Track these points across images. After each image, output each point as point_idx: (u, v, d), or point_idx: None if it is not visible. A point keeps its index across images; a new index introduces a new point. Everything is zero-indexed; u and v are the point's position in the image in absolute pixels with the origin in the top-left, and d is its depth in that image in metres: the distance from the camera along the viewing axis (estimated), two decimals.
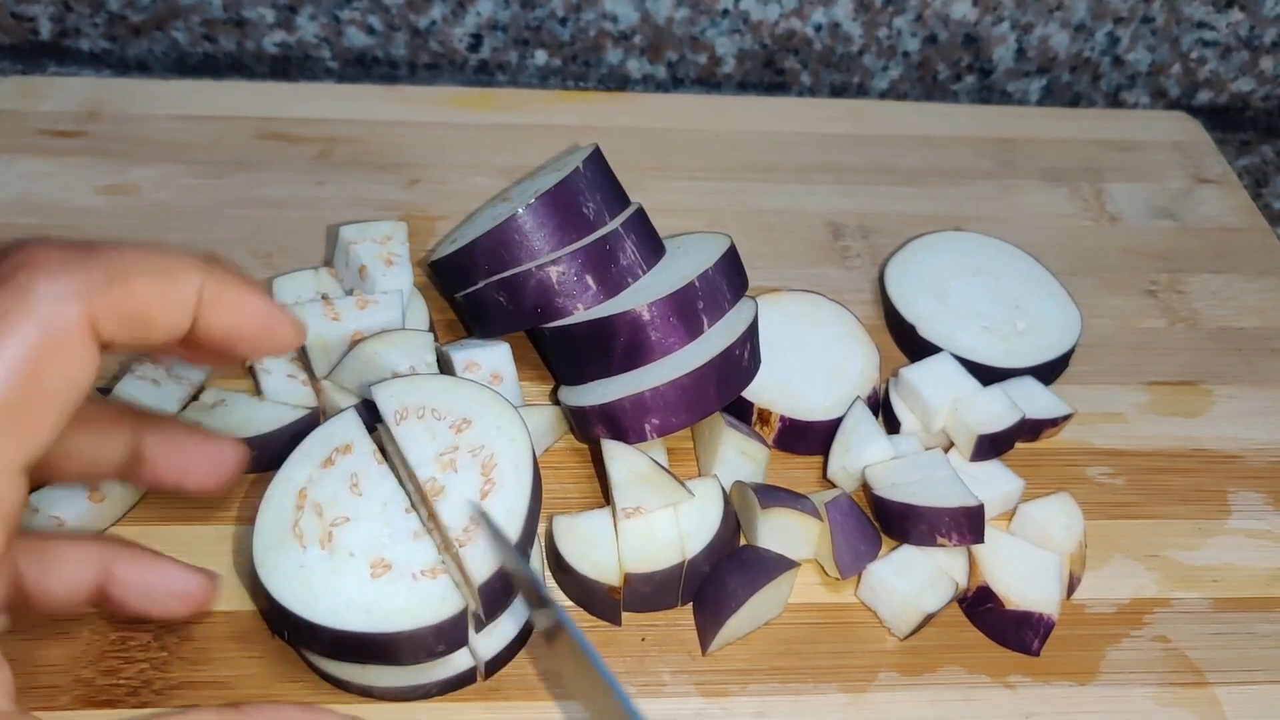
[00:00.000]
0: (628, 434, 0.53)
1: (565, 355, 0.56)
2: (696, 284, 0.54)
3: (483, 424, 0.48)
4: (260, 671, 0.48)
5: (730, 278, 0.56)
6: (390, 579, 0.44)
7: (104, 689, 0.47)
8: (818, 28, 0.81)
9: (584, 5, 0.79)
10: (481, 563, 0.44)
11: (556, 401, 0.58)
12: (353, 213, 0.68)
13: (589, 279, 0.55)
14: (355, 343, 0.54)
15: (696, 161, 0.74)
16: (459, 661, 0.47)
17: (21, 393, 0.31)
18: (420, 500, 0.47)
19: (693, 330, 0.55)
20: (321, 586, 0.44)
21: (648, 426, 0.53)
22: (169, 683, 0.47)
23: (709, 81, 0.84)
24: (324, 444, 0.48)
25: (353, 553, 0.45)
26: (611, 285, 0.56)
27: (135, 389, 0.54)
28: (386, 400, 0.48)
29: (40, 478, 0.37)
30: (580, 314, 0.55)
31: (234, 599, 0.50)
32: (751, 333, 0.55)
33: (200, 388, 0.56)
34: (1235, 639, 0.53)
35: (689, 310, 0.54)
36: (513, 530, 0.45)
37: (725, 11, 0.80)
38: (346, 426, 0.49)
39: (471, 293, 0.57)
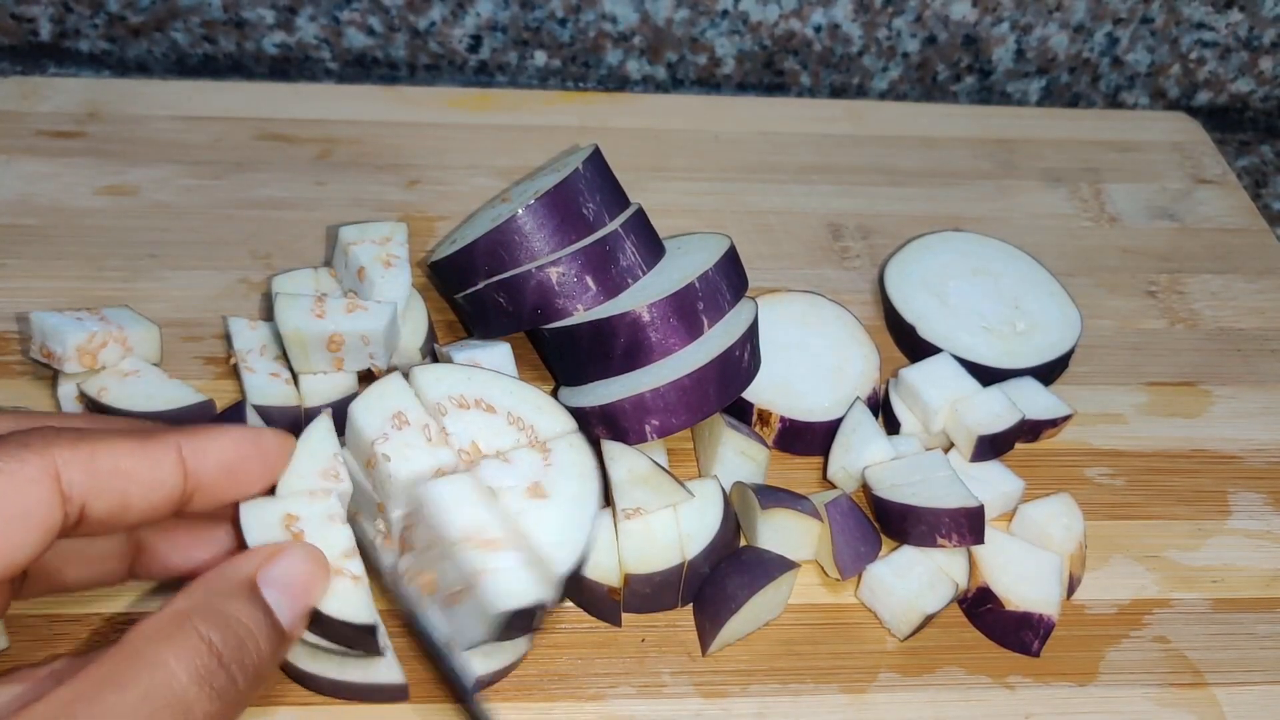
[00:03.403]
0: (628, 435, 0.53)
1: (565, 356, 0.56)
2: (697, 285, 0.54)
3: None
4: None
5: (730, 278, 0.56)
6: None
7: None
8: (817, 28, 0.81)
9: (583, 6, 0.79)
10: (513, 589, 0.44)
11: None
12: (352, 213, 0.68)
13: (589, 280, 0.55)
14: (331, 343, 0.54)
15: (696, 161, 0.74)
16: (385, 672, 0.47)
17: None
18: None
19: (693, 331, 0.55)
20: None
21: (648, 427, 0.53)
22: None
23: (709, 82, 0.84)
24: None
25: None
26: (612, 286, 0.56)
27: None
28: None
29: (39, 591, 0.41)
30: (580, 315, 0.55)
31: None
32: (752, 333, 0.55)
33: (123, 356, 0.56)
34: (1235, 639, 0.53)
35: (689, 311, 0.54)
36: (573, 545, 0.45)
37: (725, 12, 0.80)
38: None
39: (471, 294, 0.57)
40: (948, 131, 0.79)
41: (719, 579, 0.50)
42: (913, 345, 0.63)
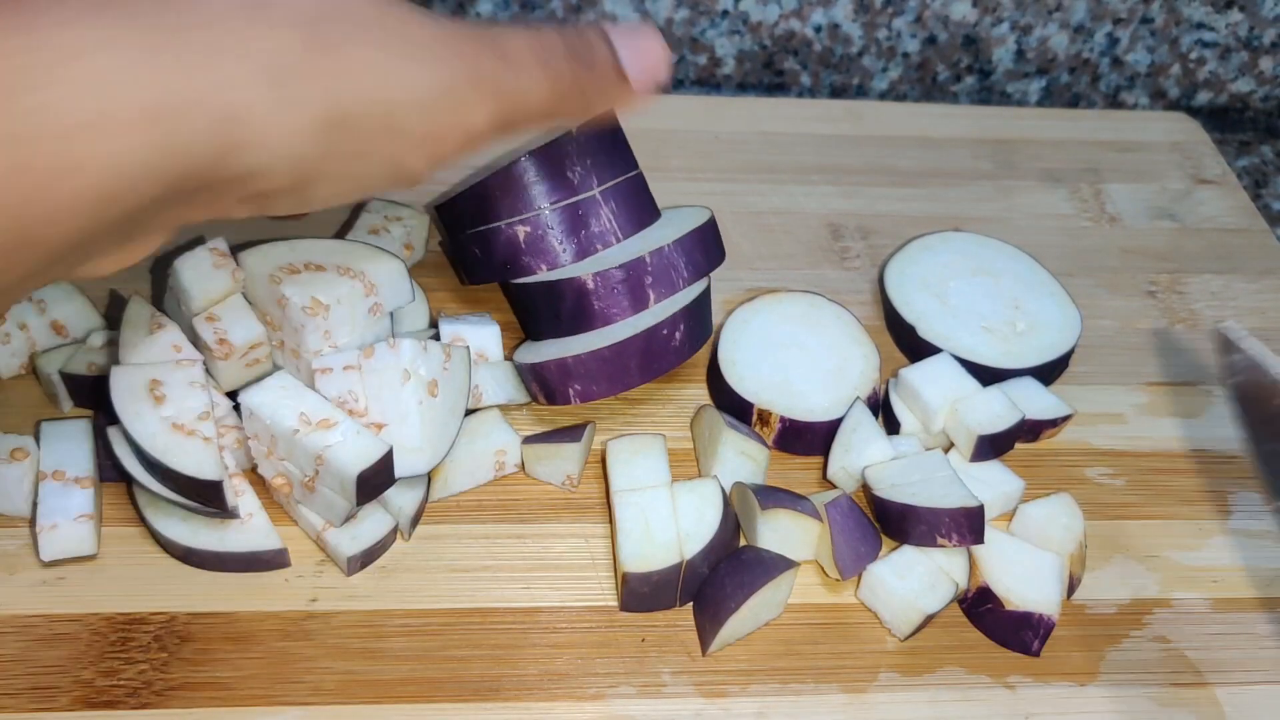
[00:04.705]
0: (555, 395, 0.55)
1: (523, 311, 0.58)
2: (647, 259, 0.55)
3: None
4: (260, 672, 0.48)
5: (692, 256, 0.56)
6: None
7: (104, 690, 0.47)
8: (817, 29, 0.81)
9: (584, 5, 0.79)
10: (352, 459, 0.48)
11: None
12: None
13: (555, 241, 0.56)
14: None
15: (696, 162, 0.74)
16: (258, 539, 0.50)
17: None
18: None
19: (637, 304, 0.55)
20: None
21: (571, 391, 0.54)
22: (169, 684, 0.47)
23: (709, 82, 0.84)
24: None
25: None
26: (579, 250, 0.56)
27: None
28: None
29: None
30: (542, 274, 0.56)
31: (232, 599, 0.50)
32: (689, 314, 0.55)
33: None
34: (1235, 639, 0.53)
35: (636, 284, 0.55)
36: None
37: (725, 12, 0.80)
38: None
39: (456, 240, 0.58)
40: (947, 131, 0.79)
41: (718, 579, 0.50)
42: (913, 345, 0.63)
